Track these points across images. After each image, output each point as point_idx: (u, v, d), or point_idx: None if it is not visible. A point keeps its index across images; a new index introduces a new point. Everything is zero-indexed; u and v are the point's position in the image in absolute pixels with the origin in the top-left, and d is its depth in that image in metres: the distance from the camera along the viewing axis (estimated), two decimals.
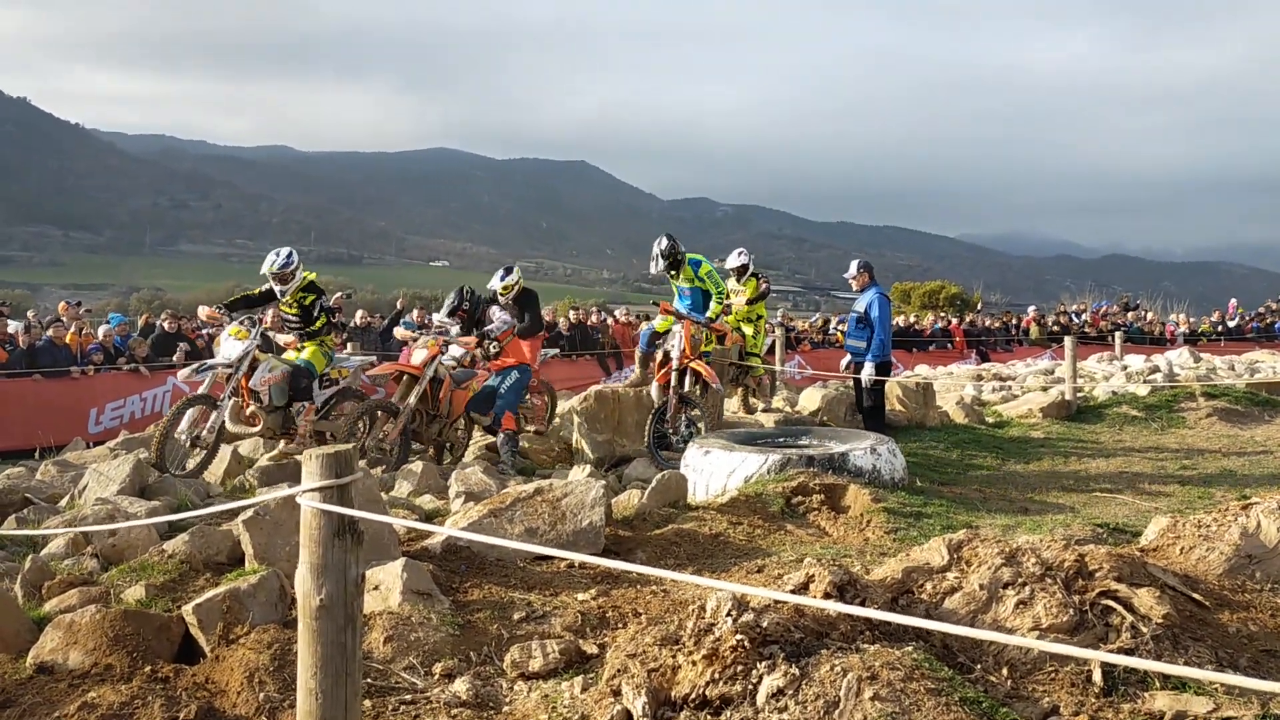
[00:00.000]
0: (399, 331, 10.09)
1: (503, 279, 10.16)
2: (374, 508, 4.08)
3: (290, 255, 9.02)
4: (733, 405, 11.49)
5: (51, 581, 4.96)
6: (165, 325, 15.13)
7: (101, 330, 15.02)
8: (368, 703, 3.50)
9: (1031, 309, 28.96)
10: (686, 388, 9.32)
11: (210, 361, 8.78)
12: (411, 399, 8.81)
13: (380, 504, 6.22)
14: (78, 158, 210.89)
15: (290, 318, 9.20)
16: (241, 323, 8.78)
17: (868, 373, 9.91)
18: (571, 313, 20.12)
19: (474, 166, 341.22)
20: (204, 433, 8.27)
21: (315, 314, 9.16)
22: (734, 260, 11.65)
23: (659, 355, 9.61)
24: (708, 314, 9.77)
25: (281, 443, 8.97)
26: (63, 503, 6.96)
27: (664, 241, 9.96)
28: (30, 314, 16.12)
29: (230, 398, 8.51)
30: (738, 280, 11.53)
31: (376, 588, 4.53)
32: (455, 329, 9.50)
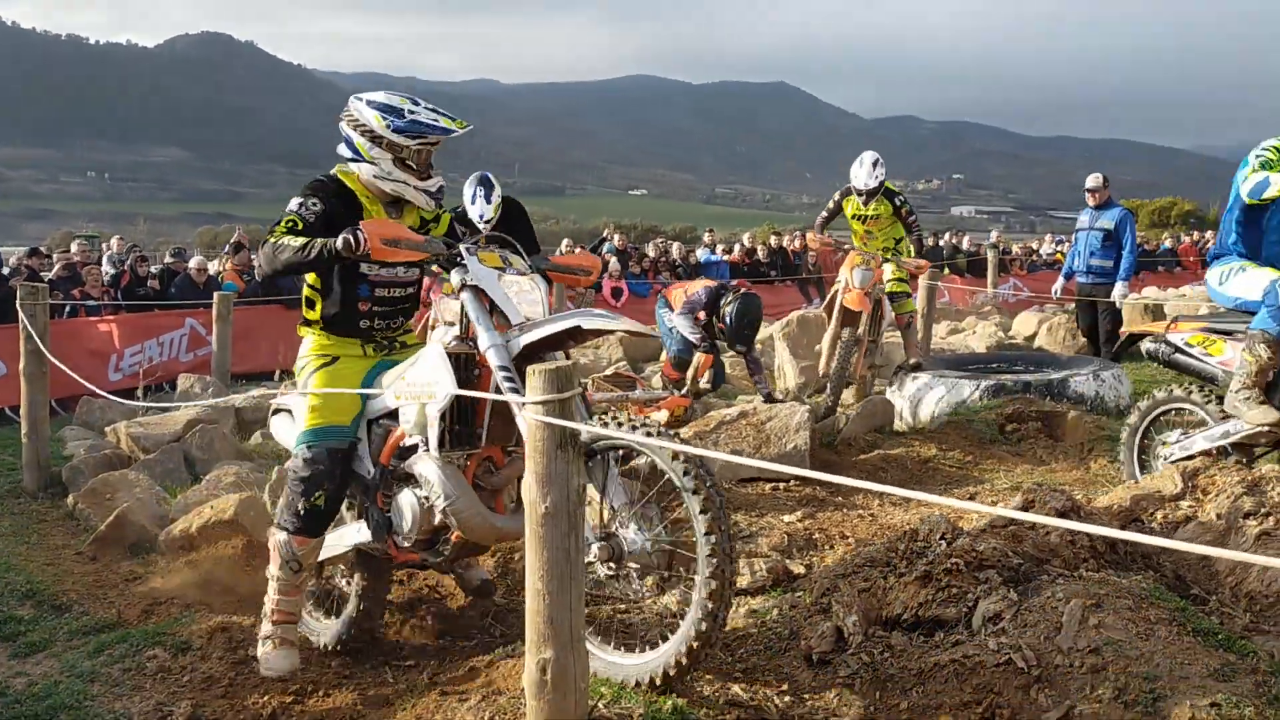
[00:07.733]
0: None
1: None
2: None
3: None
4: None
5: None
6: None
7: None
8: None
9: None
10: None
11: None
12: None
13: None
14: (301, 97, 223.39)
15: None
16: None
17: (1119, 293, 9.37)
18: (773, 238, 19.90)
19: (672, 92, 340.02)
20: None
21: None
22: (873, 178, 8.01)
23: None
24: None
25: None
26: None
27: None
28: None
29: None
30: (868, 201, 8.17)
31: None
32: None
